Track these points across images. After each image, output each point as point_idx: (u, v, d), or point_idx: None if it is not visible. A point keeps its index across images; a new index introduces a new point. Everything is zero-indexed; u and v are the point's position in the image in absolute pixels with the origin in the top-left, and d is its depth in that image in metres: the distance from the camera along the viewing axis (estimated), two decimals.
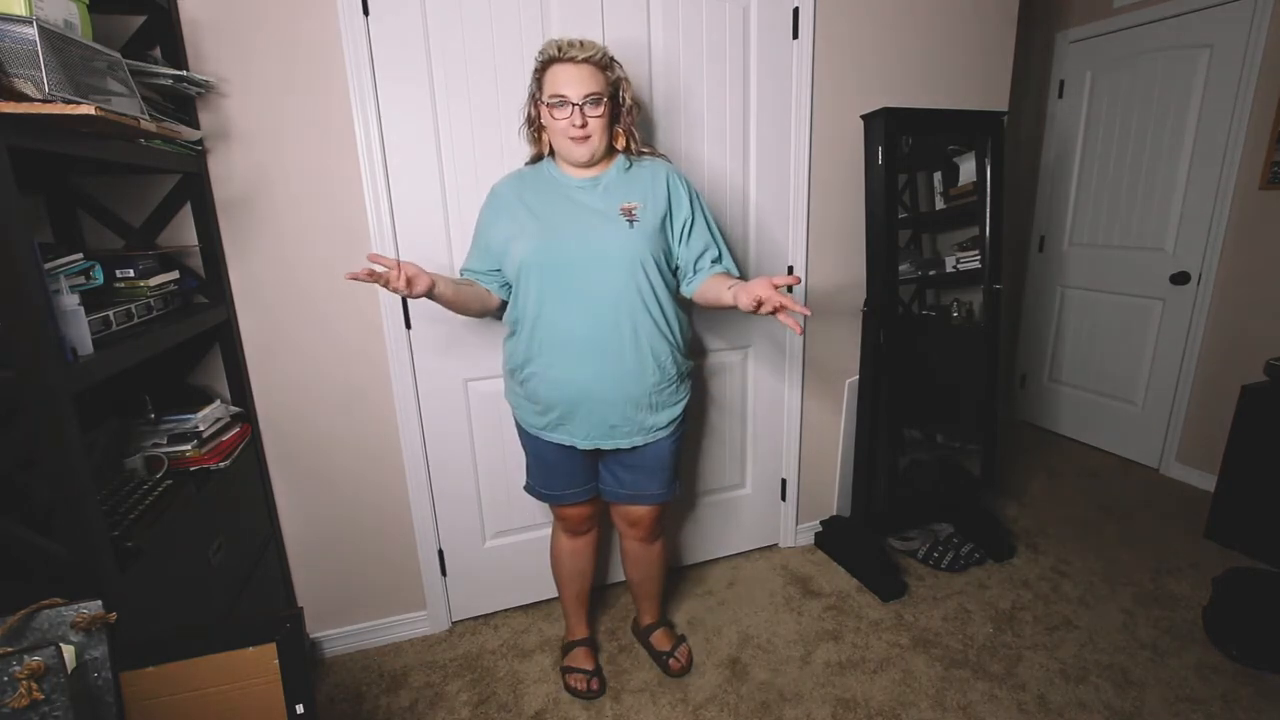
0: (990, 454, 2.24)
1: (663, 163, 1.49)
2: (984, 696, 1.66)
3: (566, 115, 1.34)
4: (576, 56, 1.32)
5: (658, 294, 1.43)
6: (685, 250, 1.48)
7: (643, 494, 1.58)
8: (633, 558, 1.74)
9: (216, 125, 1.52)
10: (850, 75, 2.03)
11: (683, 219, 1.46)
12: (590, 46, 1.34)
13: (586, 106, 1.33)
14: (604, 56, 1.36)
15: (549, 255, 1.38)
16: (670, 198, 1.45)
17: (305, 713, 1.01)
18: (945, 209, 2.27)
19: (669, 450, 1.55)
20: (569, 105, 1.33)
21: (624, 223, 1.39)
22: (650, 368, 1.44)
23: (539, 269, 1.38)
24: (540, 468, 1.59)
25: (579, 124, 1.34)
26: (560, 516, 1.69)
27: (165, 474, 1.35)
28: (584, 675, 1.72)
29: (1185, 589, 2.06)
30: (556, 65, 1.33)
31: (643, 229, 1.40)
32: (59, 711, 0.83)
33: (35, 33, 0.88)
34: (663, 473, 1.56)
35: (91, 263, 1.13)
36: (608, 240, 1.38)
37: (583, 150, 1.37)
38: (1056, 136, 3.17)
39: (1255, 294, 2.49)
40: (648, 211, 1.42)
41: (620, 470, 1.56)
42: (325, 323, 1.70)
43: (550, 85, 1.34)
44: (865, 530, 2.19)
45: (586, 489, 1.61)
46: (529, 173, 1.48)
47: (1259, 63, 2.39)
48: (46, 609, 0.91)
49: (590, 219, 1.39)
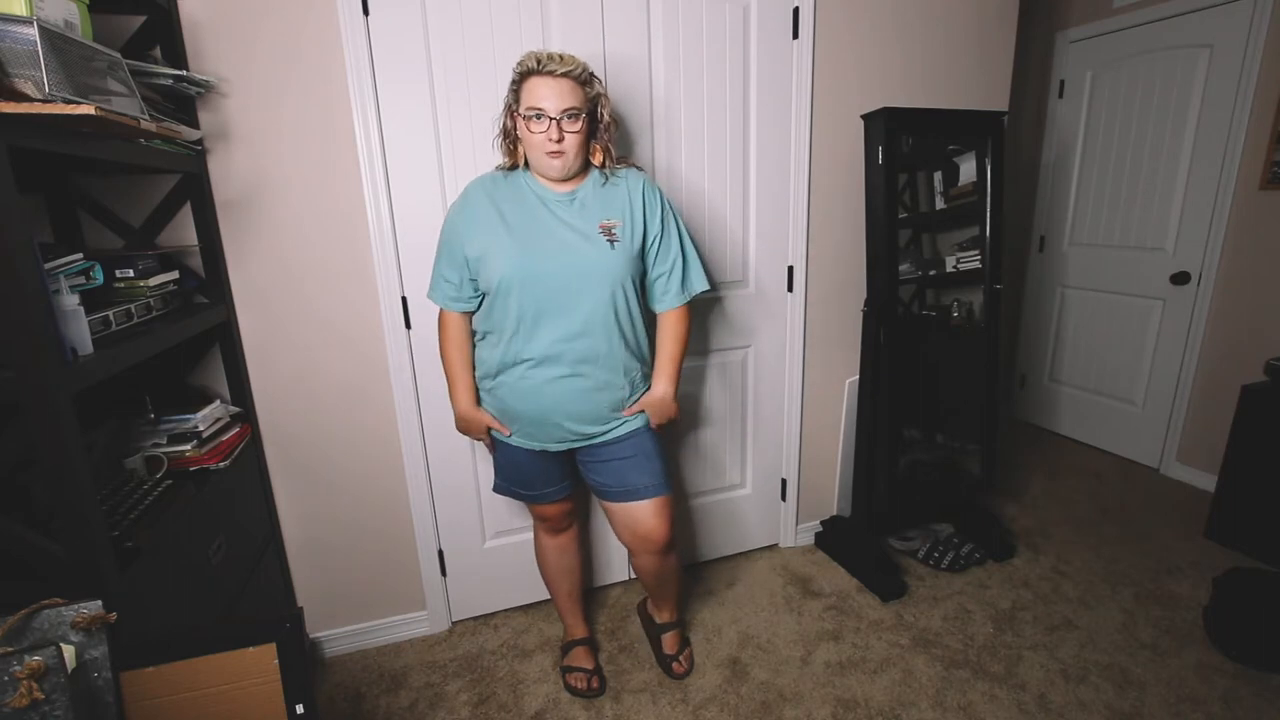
0: (990, 454, 2.24)
1: (636, 174, 1.48)
2: (984, 696, 1.66)
3: (544, 129, 1.32)
4: (555, 70, 1.30)
5: (632, 313, 1.44)
6: (654, 266, 1.49)
7: (631, 487, 1.52)
8: (645, 571, 1.67)
9: (216, 125, 1.52)
10: (850, 75, 2.03)
11: (654, 234, 1.46)
12: (570, 61, 1.31)
13: (564, 121, 1.32)
14: (583, 72, 1.34)
15: (529, 272, 1.36)
16: (645, 213, 1.45)
17: (305, 713, 1.01)
18: (945, 209, 2.27)
19: (649, 440, 1.53)
20: (546, 119, 1.31)
21: (604, 243, 1.39)
22: (621, 384, 1.46)
23: (519, 286, 1.37)
24: (513, 469, 1.57)
25: (555, 138, 1.32)
26: (539, 515, 1.68)
27: (165, 474, 1.35)
28: (584, 674, 1.72)
29: (1185, 589, 2.06)
30: (535, 78, 1.31)
31: (623, 249, 1.40)
32: (59, 711, 0.83)
33: (35, 33, 0.88)
34: (648, 462, 1.52)
35: (91, 263, 1.13)
36: (589, 260, 1.37)
37: (557, 165, 1.36)
38: (1056, 136, 3.17)
39: (1255, 294, 2.49)
40: (626, 231, 1.42)
41: (598, 465, 1.53)
42: (325, 322, 1.70)
43: (528, 98, 1.32)
44: (865, 530, 2.19)
45: (563, 486, 1.60)
46: (503, 180, 1.44)
47: (1259, 63, 2.39)
48: (46, 609, 0.91)
49: (570, 237, 1.38)
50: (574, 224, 1.39)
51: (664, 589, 1.73)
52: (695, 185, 1.93)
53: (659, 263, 1.48)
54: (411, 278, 1.72)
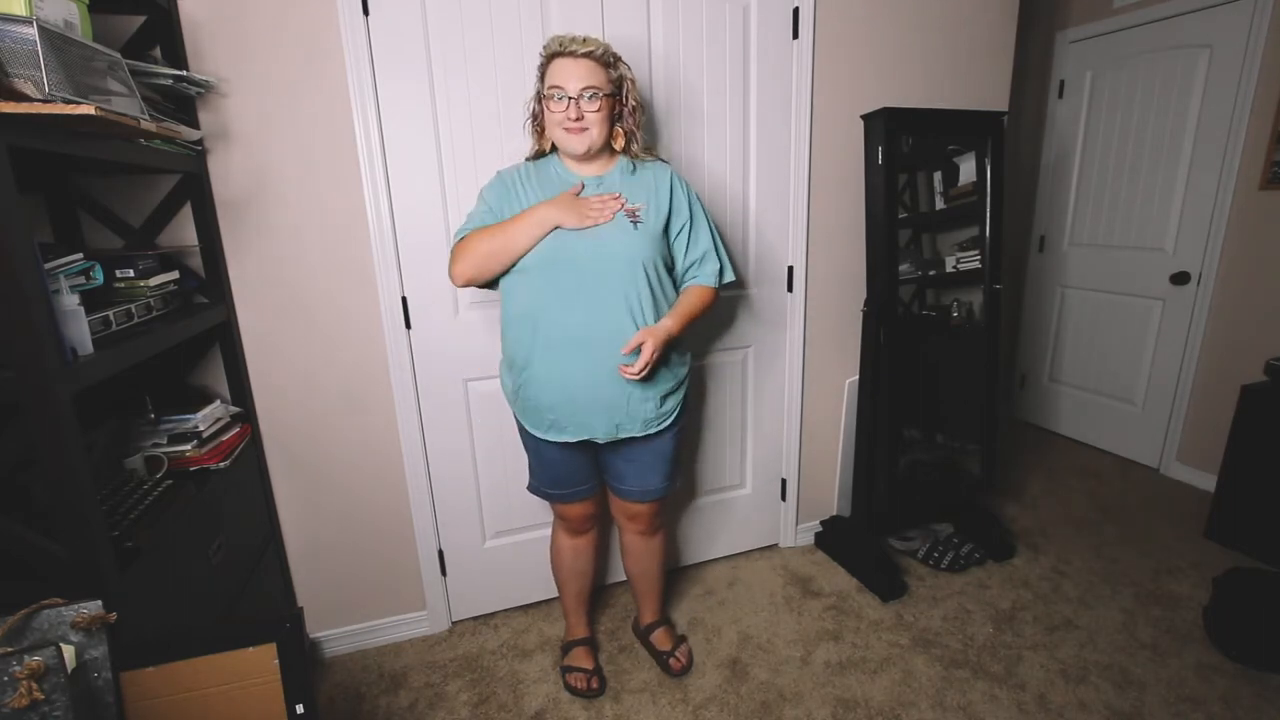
0: (990, 454, 2.24)
1: (664, 166, 1.52)
2: (984, 696, 1.66)
3: (563, 108, 1.36)
4: (577, 51, 1.34)
5: (657, 295, 1.44)
6: (684, 255, 1.51)
7: (646, 489, 1.58)
8: (632, 552, 1.74)
9: (216, 125, 1.52)
10: (850, 75, 2.03)
11: (682, 223, 1.49)
12: (592, 42, 1.36)
13: (583, 100, 1.35)
14: (606, 53, 1.37)
15: (554, 252, 1.38)
16: (672, 202, 1.48)
17: (305, 713, 1.01)
18: (945, 209, 2.27)
19: (670, 444, 1.56)
20: (565, 98, 1.35)
21: (628, 224, 1.41)
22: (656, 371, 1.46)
23: (543, 265, 1.38)
24: (543, 467, 1.59)
25: (574, 116, 1.36)
26: (562, 516, 1.69)
27: (165, 474, 1.35)
28: (584, 674, 1.72)
29: (1185, 589, 2.06)
30: (558, 59, 1.36)
31: (646, 230, 1.42)
32: (59, 711, 0.83)
33: (35, 33, 0.88)
34: (664, 466, 1.57)
35: (91, 263, 1.13)
36: (612, 240, 1.39)
37: (577, 141, 1.39)
38: (1056, 136, 3.17)
39: (1255, 294, 2.49)
40: (650, 214, 1.44)
41: (622, 464, 1.56)
42: (325, 322, 1.70)
43: (550, 78, 1.37)
44: (865, 530, 2.19)
45: (589, 486, 1.62)
46: (533, 167, 1.49)
47: (1259, 63, 2.39)
48: (46, 609, 0.91)
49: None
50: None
51: (647, 580, 1.78)
52: (695, 185, 1.90)
53: (690, 252, 1.51)
54: (411, 278, 1.72)
